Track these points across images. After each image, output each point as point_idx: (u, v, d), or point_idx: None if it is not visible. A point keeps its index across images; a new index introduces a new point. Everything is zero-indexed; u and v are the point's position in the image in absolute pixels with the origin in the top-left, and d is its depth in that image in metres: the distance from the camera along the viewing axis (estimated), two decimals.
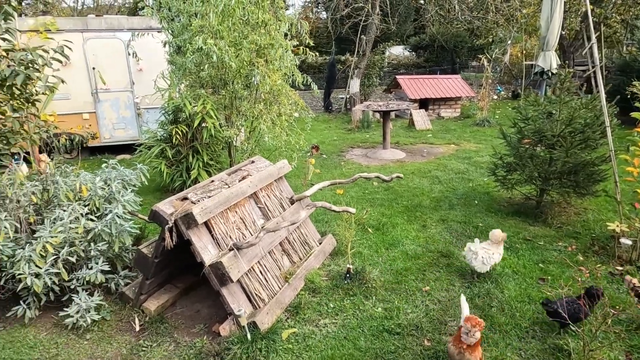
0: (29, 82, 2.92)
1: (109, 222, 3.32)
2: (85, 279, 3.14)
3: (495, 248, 3.43)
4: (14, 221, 3.16)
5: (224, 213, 3.15)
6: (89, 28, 7.69)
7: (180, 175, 5.61)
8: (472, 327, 2.32)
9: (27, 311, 3.07)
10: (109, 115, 8.16)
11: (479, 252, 3.39)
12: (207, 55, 4.95)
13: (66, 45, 3.01)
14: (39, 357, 2.77)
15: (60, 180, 3.48)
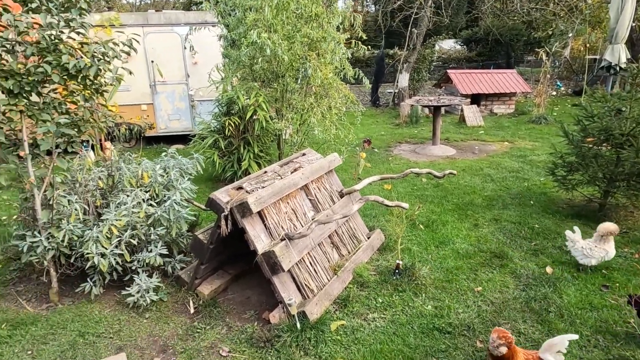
0: (99, 74, 3.10)
1: (168, 208, 3.47)
2: (145, 261, 3.32)
3: (602, 243, 3.38)
4: (83, 204, 3.39)
5: (277, 203, 3.21)
6: (149, 23, 8.04)
7: (231, 165, 5.77)
8: (496, 339, 2.19)
9: (93, 288, 3.29)
10: (165, 106, 8.52)
11: (577, 241, 3.45)
12: (260, 48, 5.04)
13: (134, 38, 3.16)
14: (103, 331, 2.96)
15: (124, 167, 3.68)
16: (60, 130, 2.99)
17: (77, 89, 3.33)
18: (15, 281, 3.65)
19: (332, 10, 5.52)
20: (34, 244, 3.14)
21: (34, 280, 3.66)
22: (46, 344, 2.85)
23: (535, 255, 3.82)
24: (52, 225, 3.18)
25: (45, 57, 2.94)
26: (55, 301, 3.32)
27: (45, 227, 3.18)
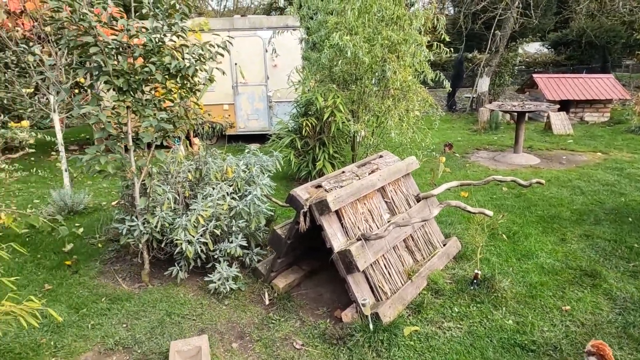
0: (195, 74, 3.34)
1: (249, 202, 3.64)
2: (227, 251, 3.51)
3: None
4: (174, 194, 3.66)
5: (354, 204, 3.23)
6: (235, 27, 8.49)
7: (306, 165, 5.91)
8: (590, 347, 2.03)
9: (179, 272, 3.54)
10: (245, 107, 8.94)
11: None
12: (340, 50, 5.11)
13: (228, 41, 3.37)
14: (187, 313, 3.18)
15: (211, 162, 3.92)
16: (160, 125, 3.26)
17: (174, 87, 3.62)
18: (113, 260, 4.04)
19: (414, 12, 5.44)
20: (132, 227, 3.46)
21: (128, 260, 4.02)
22: (138, 319, 3.11)
23: (634, 277, 3.46)
24: (148, 211, 3.47)
25: (150, 58, 3.23)
26: (146, 281, 3.62)
27: (141, 213, 3.48)
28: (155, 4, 3.26)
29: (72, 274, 3.79)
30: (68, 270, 3.85)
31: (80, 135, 10.94)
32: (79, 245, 4.29)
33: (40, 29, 5.16)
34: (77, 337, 2.93)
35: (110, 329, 3.00)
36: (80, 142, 10.12)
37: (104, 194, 6.15)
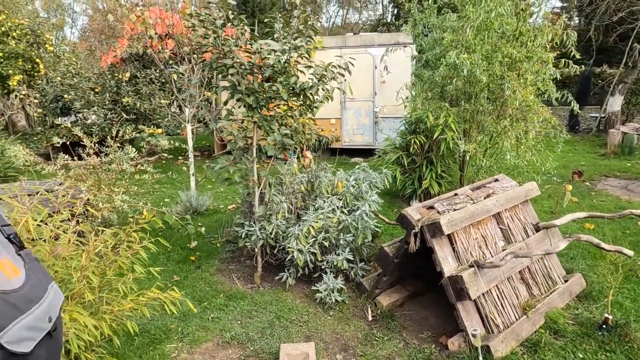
0: (316, 93, 3.54)
1: (357, 217, 3.72)
2: (334, 263, 3.62)
3: None
4: (289, 204, 3.89)
5: (467, 228, 3.13)
6: (346, 45, 8.79)
7: (411, 183, 5.85)
8: None
9: (288, 279, 3.74)
10: (351, 121, 9.15)
11: None
12: (455, 68, 4.99)
13: (350, 62, 3.52)
14: (294, 319, 3.34)
15: (322, 175, 4.09)
16: (283, 139, 3.51)
17: (294, 105, 3.87)
18: (229, 260, 4.41)
19: (540, 27, 5.11)
20: (250, 232, 3.76)
21: (242, 262, 4.36)
22: (251, 318, 3.36)
23: None
24: (265, 219, 3.74)
25: (277, 78, 3.51)
26: (258, 284, 3.89)
27: (259, 219, 3.76)
28: (284, 29, 3.55)
29: (196, 268, 4.23)
30: (192, 265, 4.30)
31: (201, 142, 12.17)
32: (201, 244, 4.77)
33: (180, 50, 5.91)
34: (199, 327, 3.26)
35: (227, 324, 3.28)
36: (201, 149, 11.26)
37: (222, 197, 6.76)
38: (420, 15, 5.91)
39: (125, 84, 8.33)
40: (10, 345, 0.94)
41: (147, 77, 8.35)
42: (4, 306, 0.95)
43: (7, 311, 0.96)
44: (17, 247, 1.11)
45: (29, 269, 1.08)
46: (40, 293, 1.06)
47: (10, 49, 9.20)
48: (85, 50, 16.17)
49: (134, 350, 2.96)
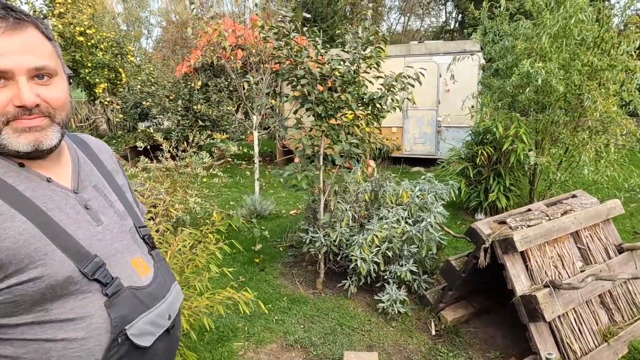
0: (385, 103, 3.56)
1: (422, 228, 3.68)
2: (397, 273, 3.60)
3: None
4: (353, 212, 3.93)
5: (542, 246, 2.98)
6: (410, 53, 8.71)
7: (477, 195, 5.66)
8: None
9: (350, 287, 3.77)
10: (413, 130, 9.03)
11: None
12: (527, 77, 4.79)
13: (421, 72, 3.51)
14: (357, 327, 3.36)
15: (387, 185, 4.09)
16: (350, 149, 3.56)
17: (362, 114, 3.91)
18: (292, 264, 4.52)
19: (626, 33, 4.77)
20: (314, 238, 3.83)
21: (304, 267, 4.45)
22: (314, 323, 3.42)
23: None
24: (329, 226, 3.80)
25: (347, 89, 3.57)
26: (320, 289, 3.95)
27: (323, 226, 3.83)
28: (355, 39, 3.61)
29: (260, 271, 4.38)
30: (256, 267, 4.46)
31: (263, 148, 12.55)
32: (265, 247, 4.93)
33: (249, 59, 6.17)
34: (264, 328, 3.37)
35: (290, 327, 3.37)
36: (263, 155, 11.62)
37: (284, 202, 6.94)
38: (490, 23, 5.73)
39: (197, 92, 8.84)
40: (135, 337, 1.02)
41: (217, 85, 8.80)
42: (134, 301, 1.04)
43: (136, 306, 1.04)
44: (149, 247, 1.20)
45: (157, 268, 1.17)
46: (164, 292, 1.14)
47: (98, 59, 10.13)
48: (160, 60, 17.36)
49: (205, 345, 3.12)
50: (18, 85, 0.91)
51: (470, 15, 7.35)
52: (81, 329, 0.96)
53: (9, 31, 0.90)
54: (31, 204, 0.95)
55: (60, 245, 0.95)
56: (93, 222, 1.05)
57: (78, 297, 0.97)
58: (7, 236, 0.89)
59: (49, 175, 1.02)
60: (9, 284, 0.89)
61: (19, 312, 0.91)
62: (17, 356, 0.92)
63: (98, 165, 1.19)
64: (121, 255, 1.08)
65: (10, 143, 0.93)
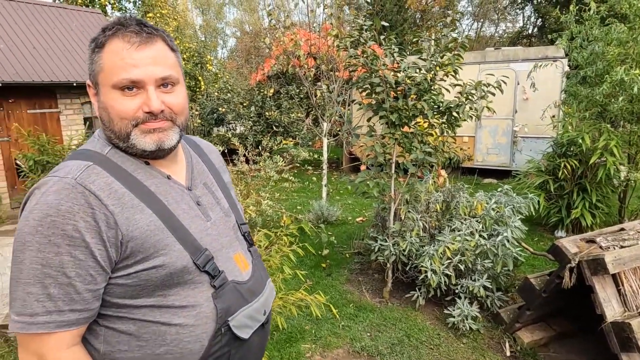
0: (462, 111, 3.47)
1: (498, 243, 3.51)
2: (469, 288, 3.46)
3: None
4: (424, 222, 3.85)
5: (637, 269, 2.72)
6: (486, 60, 8.38)
7: (558, 211, 5.29)
8: None
9: (419, 298, 3.69)
10: (486, 140, 8.66)
11: None
12: (622, 86, 4.41)
13: (503, 80, 3.38)
14: (425, 340, 3.28)
15: (461, 195, 3.96)
16: (424, 157, 3.51)
17: (436, 122, 3.83)
18: (358, 272, 4.52)
19: None
20: (383, 247, 3.81)
21: (370, 275, 4.43)
22: (380, 332, 3.39)
23: None
24: (399, 235, 3.76)
25: (422, 96, 3.53)
26: (386, 299, 3.91)
27: (393, 235, 3.80)
28: (436, 44, 3.56)
29: (326, 276, 4.43)
30: (323, 272, 4.51)
31: (329, 155, 12.71)
32: (331, 252, 4.98)
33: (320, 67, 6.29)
34: (330, 332, 3.40)
35: (357, 334, 3.37)
36: (329, 161, 11.75)
37: (350, 209, 6.96)
38: (578, 27, 5.36)
39: (269, 99, 9.18)
40: (236, 329, 1.09)
41: (289, 93, 9.08)
42: (236, 295, 1.11)
43: (237, 299, 1.11)
44: (248, 244, 1.26)
45: (254, 264, 1.22)
46: (261, 288, 1.20)
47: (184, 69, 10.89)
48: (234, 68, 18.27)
49: (274, 344, 3.22)
50: (147, 94, 1.01)
51: (552, 19, 6.93)
52: (192, 316, 1.04)
53: (142, 45, 1.01)
54: (156, 199, 1.05)
55: (178, 237, 1.04)
56: (203, 218, 1.13)
57: (190, 286, 1.05)
58: (138, 227, 0.98)
59: (169, 173, 1.12)
60: (136, 269, 0.99)
61: (142, 295, 1.01)
62: (139, 335, 1.01)
63: (208, 165, 1.28)
64: (225, 250, 1.15)
65: (138, 142, 1.03)
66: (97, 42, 1.02)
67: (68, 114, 8.33)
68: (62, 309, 0.93)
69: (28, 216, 0.92)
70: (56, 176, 0.96)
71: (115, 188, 0.99)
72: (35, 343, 0.93)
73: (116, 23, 1.02)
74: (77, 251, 0.92)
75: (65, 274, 0.92)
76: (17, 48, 7.73)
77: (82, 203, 0.93)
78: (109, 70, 1.00)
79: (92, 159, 1.02)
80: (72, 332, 0.96)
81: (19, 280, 0.92)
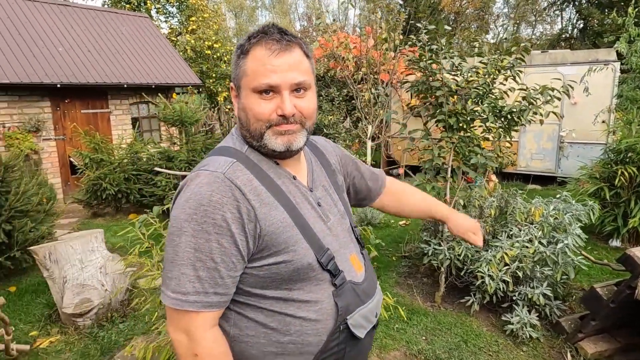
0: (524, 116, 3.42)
1: (558, 250, 3.44)
2: (528, 295, 3.40)
3: None
4: None
5: None
6: (531, 63, 8.19)
7: (613, 219, 5.12)
8: None
9: (474, 304, 3.65)
10: (530, 145, 8.46)
11: None
12: None
13: (570, 85, 3.32)
14: (483, 346, 3.25)
15: (519, 201, 3.90)
16: (485, 162, 3.48)
17: (493, 127, 3.79)
18: (406, 275, 4.51)
19: None
20: (437, 251, 3.79)
21: (419, 278, 4.41)
22: (435, 336, 3.38)
23: None
24: (454, 239, 3.74)
25: (481, 100, 3.50)
26: (438, 303, 3.89)
27: (447, 239, 3.78)
28: (498, 46, 3.53)
29: None
30: None
31: None
32: (378, 255, 4.99)
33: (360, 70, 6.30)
34: (385, 334, 3.42)
35: (412, 337, 3.37)
36: None
37: None
38: (637, 30, 5.20)
39: None
40: (353, 327, 1.13)
41: (329, 95, 9.13)
42: (353, 295, 1.15)
43: (354, 299, 1.15)
44: (360, 246, 1.30)
45: (367, 267, 1.27)
46: (373, 290, 1.24)
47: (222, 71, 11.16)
48: None
49: None
50: (282, 98, 1.07)
51: (595, 22, 6.71)
52: (314, 311, 1.10)
53: (282, 52, 1.06)
54: (285, 197, 1.11)
55: (305, 235, 1.10)
56: (323, 219, 1.18)
57: (313, 282, 1.11)
58: (272, 223, 1.05)
59: (294, 173, 1.18)
60: (268, 262, 1.06)
61: (270, 287, 1.08)
62: (265, 323, 1.08)
63: (325, 166, 1.33)
64: (342, 251, 1.19)
65: (269, 143, 1.09)
66: (242, 49, 1.10)
67: (117, 114, 8.67)
68: (207, 291, 1.00)
69: (184, 205, 1.01)
70: (207, 170, 1.05)
71: (255, 185, 1.06)
72: (185, 320, 1.01)
73: (260, 31, 1.09)
74: (224, 239, 0.99)
75: (213, 259, 0.99)
76: (73, 51, 8.12)
77: (229, 195, 1.00)
78: (251, 75, 1.07)
79: (235, 156, 1.10)
80: (214, 313, 1.04)
81: (174, 261, 1.00)
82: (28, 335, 3.52)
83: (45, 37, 7.96)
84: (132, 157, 6.84)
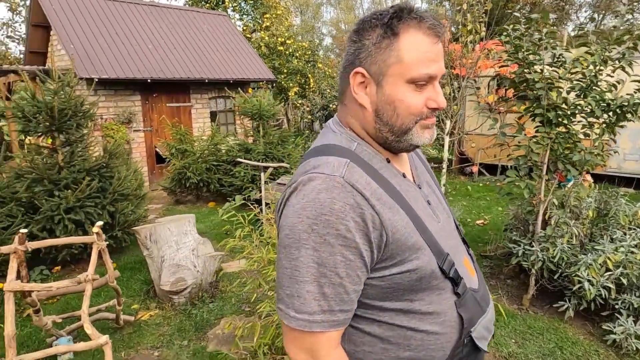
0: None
1: None
2: (634, 304, 3.15)
3: None
4: (578, 229, 3.58)
5: None
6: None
7: None
8: None
9: (569, 309, 3.45)
10: (624, 144, 7.78)
11: None
12: None
13: None
14: (581, 355, 3.05)
15: (623, 203, 3.61)
16: (588, 160, 3.27)
17: (596, 122, 3.53)
18: (488, 276, 4.35)
19: None
20: (528, 251, 3.62)
21: (502, 280, 4.23)
22: (526, 340, 3.23)
23: None
24: (548, 240, 3.54)
25: (585, 93, 3.27)
26: (526, 306, 3.71)
27: (540, 240, 3.59)
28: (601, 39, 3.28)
29: None
30: None
31: (440, 154, 12.38)
32: None
33: None
34: None
35: (501, 339, 3.25)
36: (438, 160, 11.46)
37: (467, 211, 6.73)
38: None
39: None
40: (477, 340, 1.03)
41: None
42: (474, 303, 1.04)
43: (476, 308, 1.03)
44: (466, 246, 1.17)
45: (477, 269, 1.14)
46: (488, 296, 1.12)
47: (293, 66, 11.39)
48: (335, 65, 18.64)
49: None
50: (435, 90, 0.96)
51: None
52: (437, 324, 0.99)
53: (437, 39, 0.96)
54: (402, 198, 0.98)
55: (426, 239, 0.97)
56: (435, 218, 1.05)
57: (435, 292, 0.99)
58: (398, 229, 0.93)
59: (403, 171, 1.06)
60: (392, 272, 0.95)
61: (390, 298, 0.97)
62: (383, 337, 0.99)
63: (423, 161, 1.23)
64: (457, 254, 1.06)
65: (415, 138, 0.99)
66: (390, 27, 0.93)
67: (198, 107, 9.17)
68: (333, 309, 0.91)
69: (301, 213, 0.90)
70: (323, 173, 0.92)
71: (374, 187, 0.94)
72: (310, 340, 0.93)
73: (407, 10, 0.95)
74: (348, 252, 0.89)
75: (338, 274, 0.90)
76: (161, 48, 8.69)
77: (351, 203, 0.89)
78: (408, 63, 0.93)
79: (346, 155, 0.97)
80: (339, 332, 0.95)
81: (295, 277, 0.91)
82: (130, 307, 3.85)
83: (138, 36, 8.60)
84: (213, 149, 7.20)
